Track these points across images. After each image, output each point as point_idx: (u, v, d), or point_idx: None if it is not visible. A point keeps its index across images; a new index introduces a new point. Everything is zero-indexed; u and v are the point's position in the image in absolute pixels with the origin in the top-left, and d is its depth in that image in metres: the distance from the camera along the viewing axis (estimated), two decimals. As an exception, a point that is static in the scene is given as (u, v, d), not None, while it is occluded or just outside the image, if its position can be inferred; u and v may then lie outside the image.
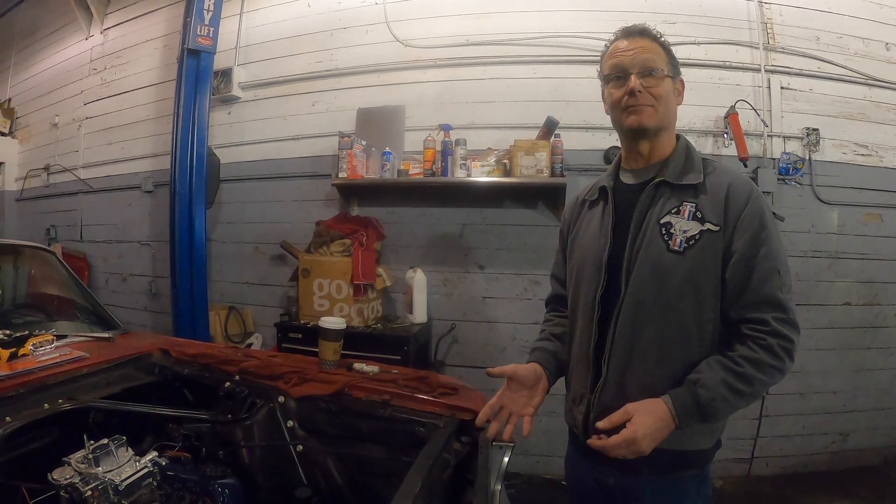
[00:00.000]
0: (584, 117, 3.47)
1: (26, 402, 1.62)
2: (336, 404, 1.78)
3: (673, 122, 1.41)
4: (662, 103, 1.35)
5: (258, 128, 4.17)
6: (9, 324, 2.36)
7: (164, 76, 4.63)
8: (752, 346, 1.24)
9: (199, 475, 1.65)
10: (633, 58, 1.34)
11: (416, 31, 3.77)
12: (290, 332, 3.36)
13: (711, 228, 1.29)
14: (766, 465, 3.44)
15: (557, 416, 3.31)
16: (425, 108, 3.68)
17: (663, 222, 1.33)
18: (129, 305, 4.77)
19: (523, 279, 3.52)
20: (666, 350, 1.31)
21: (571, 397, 1.52)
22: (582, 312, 1.46)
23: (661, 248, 1.31)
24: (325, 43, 3.98)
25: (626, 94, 1.35)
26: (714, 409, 1.22)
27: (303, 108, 4.01)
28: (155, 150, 4.65)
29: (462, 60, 3.68)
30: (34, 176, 5.82)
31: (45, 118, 5.80)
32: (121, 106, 4.98)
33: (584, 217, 1.54)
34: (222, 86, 4.15)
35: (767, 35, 3.45)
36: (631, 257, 1.35)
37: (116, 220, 4.96)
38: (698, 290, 1.29)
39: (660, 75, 1.34)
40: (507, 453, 1.53)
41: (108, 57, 5.19)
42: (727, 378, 1.22)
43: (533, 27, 3.57)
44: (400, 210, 3.73)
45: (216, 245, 4.29)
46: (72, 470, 1.31)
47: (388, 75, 3.80)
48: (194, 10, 3.90)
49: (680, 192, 1.35)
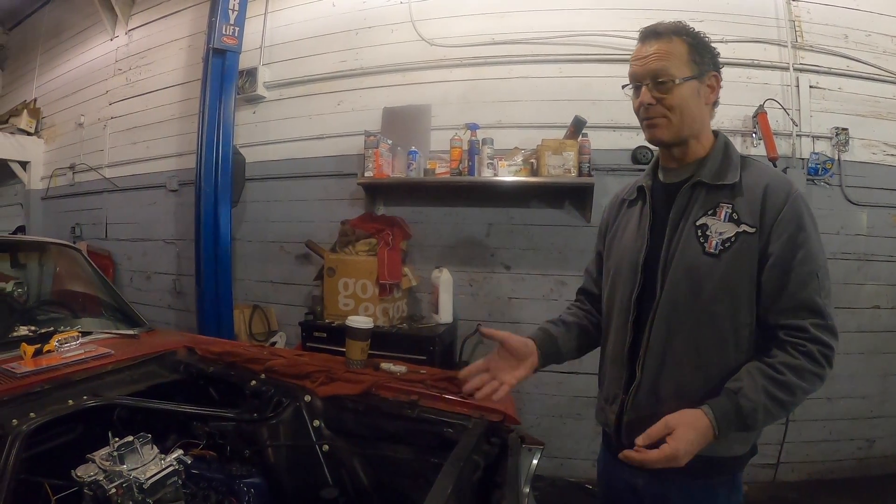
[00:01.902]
0: (612, 116, 3.44)
1: (51, 398, 1.62)
2: (363, 404, 1.77)
3: (700, 126, 1.36)
4: (677, 113, 1.30)
5: (283, 127, 4.18)
6: (34, 320, 2.39)
7: (188, 76, 4.66)
8: (791, 353, 1.20)
9: (224, 474, 1.64)
10: (645, 67, 1.31)
11: (441, 30, 3.76)
12: (314, 331, 3.35)
13: (747, 230, 1.25)
14: (791, 471, 3.38)
15: (583, 419, 3.35)
16: (451, 108, 3.66)
17: (699, 224, 1.30)
18: (154, 303, 4.81)
19: (549, 280, 3.49)
20: (701, 354, 1.28)
21: (604, 396, 1.50)
22: (617, 313, 1.44)
23: (697, 251, 1.29)
24: (350, 42, 3.99)
25: (640, 106, 1.33)
26: (755, 419, 1.19)
27: (328, 108, 4.02)
28: (180, 150, 4.69)
29: (487, 59, 3.66)
30: (59, 175, 5.90)
31: (71, 118, 5.88)
32: (146, 105, 5.03)
33: (623, 217, 1.53)
34: (247, 85, 4.17)
35: (795, 33, 3.39)
36: (667, 259, 1.33)
37: (141, 219, 5.01)
38: (734, 294, 1.26)
39: (671, 85, 1.28)
40: (537, 455, 1.54)
41: (133, 57, 5.25)
42: (768, 387, 1.18)
43: (558, 26, 3.54)
44: (426, 209, 3.72)
45: (241, 244, 4.32)
46: (96, 467, 1.31)
47: (413, 74, 3.79)
48: (219, 9, 3.93)
49: (716, 192, 1.32)
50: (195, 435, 1.83)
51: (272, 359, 2.03)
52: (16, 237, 4.55)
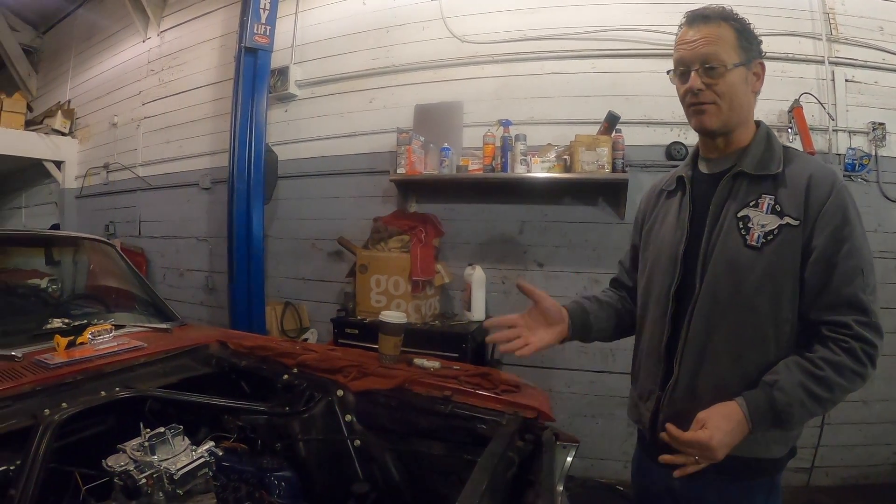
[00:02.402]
0: (645, 112, 3.39)
1: (83, 388, 1.63)
2: (396, 399, 1.74)
3: (746, 114, 1.33)
4: (726, 100, 1.27)
5: (315, 125, 4.21)
6: (68, 313, 2.42)
7: (221, 76, 4.72)
8: (832, 349, 1.17)
9: (254, 467, 1.63)
10: (694, 51, 1.27)
11: (473, 26, 3.74)
12: (346, 327, 3.36)
13: (791, 223, 1.22)
14: (826, 476, 3.29)
15: (615, 419, 3.32)
16: (483, 104, 3.65)
17: (741, 216, 1.27)
18: (186, 300, 4.88)
19: (583, 277, 3.46)
20: (741, 350, 1.25)
21: (638, 393, 1.48)
22: (654, 306, 1.42)
23: (739, 243, 1.25)
24: (381, 40, 4.00)
25: (688, 92, 1.29)
26: (790, 414, 1.15)
27: (359, 105, 4.04)
28: (213, 148, 4.75)
29: (519, 55, 3.63)
30: (94, 174, 6.02)
31: (104, 118, 6.00)
32: (178, 105, 5.11)
33: (662, 208, 1.49)
34: (279, 84, 4.21)
35: (830, 25, 3.31)
36: (707, 251, 1.30)
37: (174, 217, 5.09)
38: (776, 289, 1.23)
39: (722, 70, 1.25)
40: (572, 452, 1.50)
41: (166, 58, 5.34)
42: (806, 381, 1.15)
43: (590, 21, 3.50)
44: (458, 206, 3.71)
45: (273, 241, 4.36)
46: (127, 457, 1.30)
47: (444, 71, 3.78)
48: (251, 9, 3.98)
49: (758, 183, 1.28)
50: (226, 428, 1.83)
51: (304, 353, 2.03)
52: (52, 233, 4.63)
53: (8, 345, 1.88)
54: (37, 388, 1.58)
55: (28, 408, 1.46)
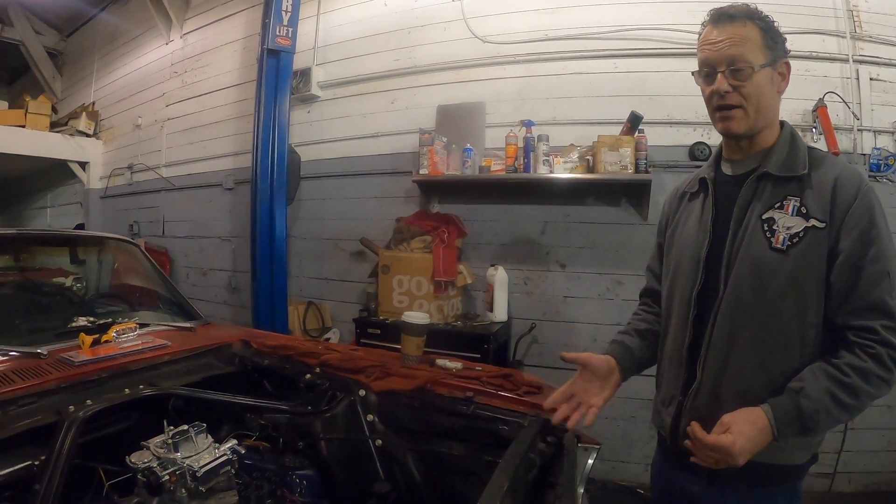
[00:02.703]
0: (668, 112, 3.36)
1: (107, 386, 1.66)
2: (418, 399, 1.74)
3: (772, 115, 1.30)
4: (753, 103, 1.24)
5: (337, 126, 4.24)
6: (93, 312, 2.46)
7: (243, 77, 4.77)
8: (859, 354, 1.14)
9: (276, 465, 1.65)
10: (720, 52, 1.24)
11: (494, 27, 3.74)
12: (368, 327, 3.38)
13: (817, 225, 1.19)
14: (848, 482, 3.22)
15: (636, 421, 3.30)
16: (505, 105, 3.65)
17: (766, 218, 1.24)
18: (209, 299, 4.94)
19: (605, 279, 3.43)
20: (765, 355, 1.22)
21: (661, 398, 1.45)
22: (677, 310, 1.39)
23: (763, 246, 1.23)
24: (403, 41, 4.01)
25: (714, 94, 1.26)
26: (816, 422, 1.13)
27: (381, 106, 4.06)
28: (236, 149, 4.80)
29: (541, 56, 3.61)
30: (118, 174, 6.12)
31: (128, 120, 6.10)
32: (202, 107, 5.18)
33: (684, 210, 1.47)
34: (301, 85, 4.24)
35: (854, 23, 3.25)
36: (731, 254, 1.27)
37: (197, 217, 5.16)
38: (801, 292, 1.20)
39: (749, 72, 1.22)
40: (593, 455, 1.49)
41: (189, 60, 5.40)
42: (832, 388, 1.13)
43: (612, 20, 3.47)
44: (481, 207, 3.71)
45: (296, 241, 4.39)
46: (150, 454, 1.32)
47: (466, 72, 3.78)
48: (273, 11, 4.02)
49: (783, 185, 1.25)
50: (249, 426, 1.84)
51: (327, 353, 2.03)
52: (77, 232, 4.70)
53: (33, 342, 1.93)
54: (62, 385, 1.60)
55: (53, 404, 1.49)
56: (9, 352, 1.81)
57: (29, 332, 2.23)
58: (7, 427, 1.36)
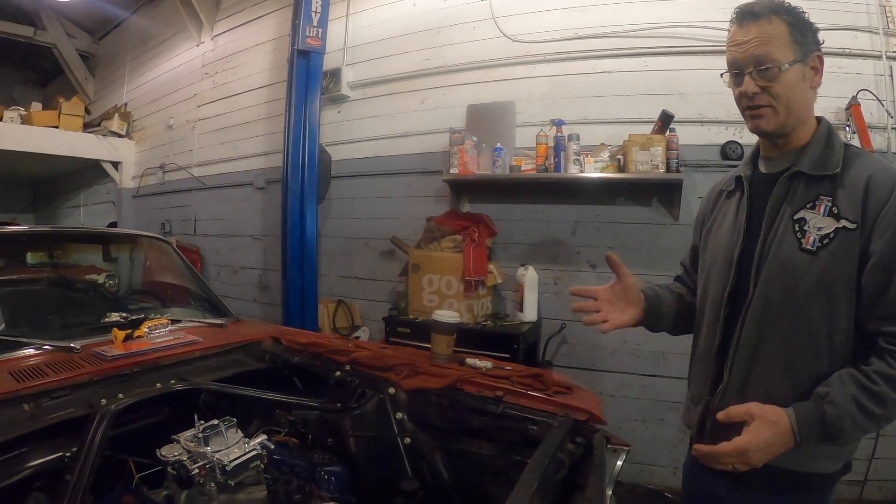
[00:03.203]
0: (699, 111, 3.31)
1: (139, 380, 1.69)
2: (447, 398, 1.74)
3: (805, 112, 1.27)
4: (783, 102, 1.21)
5: (367, 125, 4.27)
6: (126, 308, 2.52)
7: (274, 78, 4.83)
8: (889, 362, 1.10)
9: (305, 461, 1.66)
10: (747, 52, 1.22)
11: (523, 25, 3.73)
12: (398, 326, 3.39)
13: (847, 226, 1.16)
14: (879, 489, 3.12)
15: (665, 424, 3.27)
16: (535, 104, 3.64)
17: (797, 218, 1.21)
18: (240, 297, 5.01)
19: (636, 279, 3.40)
20: (793, 359, 1.20)
21: (690, 397, 1.45)
22: (709, 309, 1.38)
23: (793, 247, 1.20)
24: (432, 41, 4.02)
25: (742, 95, 1.25)
26: (840, 429, 1.10)
27: (411, 106, 4.08)
28: (267, 149, 4.87)
29: (571, 54, 3.59)
30: (150, 174, 6.25)
31: (160, 120, 6.21)
32: (233, 107, 5.26)
33: (721, 209, 1.45)
34: (331, 85, 4.29)
35: (887, 19, 3.16)
36: (762, 254, 1.25)
37: (229, 216, 5.24)
38: (831, 295, 1.17)
39: (776, 71, 1.19)
40: (622, 457, 1.48)
41: (219, 62, 5.49)
42: (858, 396, 1.09)
43: (643, 18, 3.44)
44: (511, 206, 3.70)
45: (326, 240, 4.43)
46: (180, 447, 1.34)
47: (496, 71, 3.78)
48: (302, 12, 4.05)
49: (816, 184, 1.22)
50: (278, 422, 1.87)
51: (357, 351, 2.04)
52: (110, 230, 4.80)
53: (67, 337, 1.96)
54: (94, 379, 1.63)
55: (85, 397, 1.52)
56: (43, 346, 1.85)
57: (62, 327, 2.27)
58: (40, 419, 1.40)
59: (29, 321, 2.25)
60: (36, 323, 2.26)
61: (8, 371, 1.62)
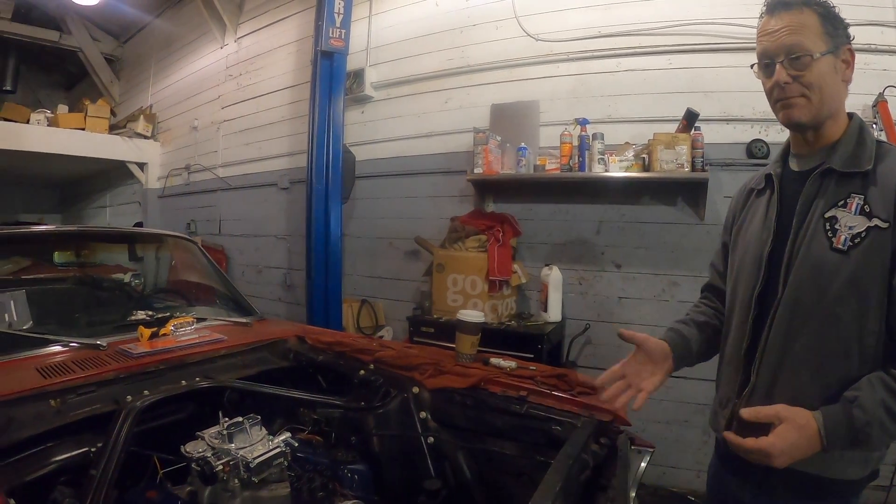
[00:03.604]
0: (724, 109, 3.27)
1: (165, 378, 1.71)
2: (471, 398, 1.74)
3: (837, 105, 1.23)
4: (816, 91, 1.18)
5: (391, 126, 4.30)
6: (151, 306, 2.55)
7: (297, 79, 4.88)
8: None
9: (329, 459, 1.67)
10: (778, 42, 1.19)
11: (546, 24, 3.71)
12: (422, 326, 3.40)
13: (879, 225, 1.12)
14: None
15: (689, 426, 3.24)
16: (559, 103, 3.62)
17: (828, 216, 1.17)
18: (265, 296, 5.07)
19: (661, 279, 3.37)
20: (821, 362, 1.16)
21: (718, 400, 1.42)
22: (738, 310, 1.35)
23: (824, 246, 1.16)
24: (455, 41, 4.03)
25: (774, 86, 1.21)
26: (868, 434, 1.06)
27: (435, 106, 4.09)
28: (291, 149, 4.92)
29: (594, 53, 3.57)
30: (175, 175, 6.34)
31: (185, 122, 6.30)
32: (257, 108, 5.32)
33: (751, 207, 1.41)
34: (355, 86, 4.32)
35: None
36: (792, 254, 1.22)
37: (253, 216, 5.31)
38: (862, 297, 1.13)
39: (808, 60, 1.16)
40: (646, 458, 1.47)
41: (243, 63, 5.56)
42: (888, 400, 1.06)
43: (666, 15, 3.40)
44: (535, 206, 3.69)
45: (350, 240, 4.47)
46: (205, 444, 1.35)
47: (519, 70, 3.78)
48: (325, 13, 4.08)
49: (847, 181, 1.19)
50: (302, 420, 1.88)
51: (381, 350, 2.05)
52: (136, 230, 4.89)
53: (94, 334, 2.00)
54: (120, 376, 1.65)
55: (111, 394, 1.55)
56: (70, 343, 1.88)
57: (89, 324, 2.31)
58: (67, 414, 1.43)
59: (56, 319, 2.30)
60: (63, 321, 2.32)
61: (35, 367, 1.65)
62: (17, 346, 1.83)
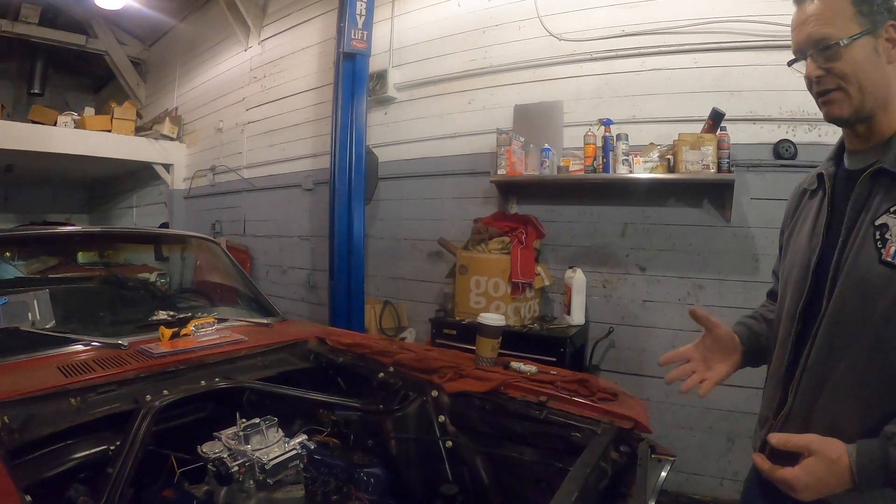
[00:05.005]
0: (751, 108, 3.19)
1: (184, 377, 1.72)
2: (490, 402, 1.72)
3: (885, 92, 1.08)
4: (853, 82, 1.05)
5: (414, 127, 4.31)
6: (174, 306, 2.59)
7: (320, 81, 4.92)
8: None
9: (345, 462, 1.67)
10: (804, 35, 1.10)
11: (570, 24, 3.67)
12: (444, 328, 3.39)
13: None
14: None
15: (713, 433, 3.21)
16: (583, 103, 3.59)
17: (879, 224, 1.03)
18: (288, 296, 5.13)
19: (686, 283, 3.32)
20: (864, 386, 1.04)
21: (759, 417, 1.33)
22: (783, 324, 1.23)
23: (872, 258, 1.03)
24: (478, 41, 4.01)
25: (809, 82, 1.12)
26: None
27: (458, 107, 4.08)
28: (314, 151, 4.97)
29: (618, 52, 3.52)
30: (200, 176, 6.44)
31: (210, 124, 6.39)
32: (281, 110, 5.38)
33: (803, 210, 1.29)
34: (378, 87, 4.33)
35: None
36: (838, 265, 1.09)
37: (277, 217, 5.37)
38: None
39: (837, 49, 1.05)
40: (667, 468, 1.43)
41: (267, 65, 5.62)
42: None
43: (691, 13, 3.34)
44: (559, 208, 3.67)
45: (373, 241, 4.49)
46: (222, 445, 1.37)
47: (543, 70, 3.75)
48: (347, 15, 4.10)
49: None
50: (321, 422, 1.89)
51: (401, 352, 2.04)
52: (162, 231, 4.98)
53: (116, 334, 2.02)
54: (140, 375, 1.67)
55: (131, 393, 1.56)
56: (91, 342, 1.90)
57: (111, 324, 2.34)
58: (86, 412, 1.45)
59: (79, 318, 2.34)
60: (86, 320, 2.35)
61: (57, 366, 1.68)
62: (41, 344, 1.86)
